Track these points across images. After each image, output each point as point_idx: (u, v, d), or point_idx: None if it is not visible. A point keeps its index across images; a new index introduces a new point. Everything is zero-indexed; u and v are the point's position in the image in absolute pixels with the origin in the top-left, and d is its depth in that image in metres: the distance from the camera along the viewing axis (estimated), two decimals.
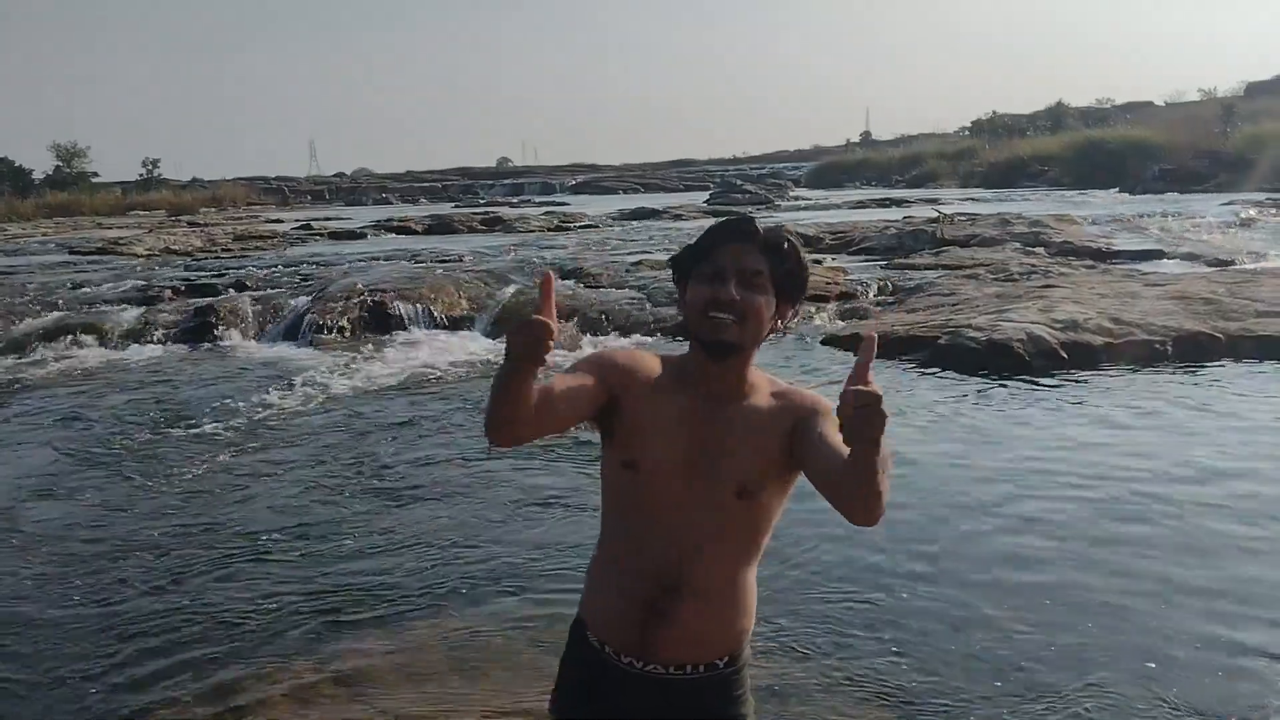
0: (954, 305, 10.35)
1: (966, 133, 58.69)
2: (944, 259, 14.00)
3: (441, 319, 11.34)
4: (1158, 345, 8.30)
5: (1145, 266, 13.18)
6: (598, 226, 25.31)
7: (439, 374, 8.93)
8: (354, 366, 9.23)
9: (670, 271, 1.83)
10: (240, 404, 7.81)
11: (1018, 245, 15.12)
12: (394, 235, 25.33)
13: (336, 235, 25.26)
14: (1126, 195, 29.52)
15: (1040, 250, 14.75)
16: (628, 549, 1.77)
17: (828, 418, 1.67)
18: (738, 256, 1.73)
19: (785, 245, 1.76)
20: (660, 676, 1.76)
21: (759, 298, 1.72)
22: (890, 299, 11.79)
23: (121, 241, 22.39)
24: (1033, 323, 8.68)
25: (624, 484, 1.76)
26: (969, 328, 8.75)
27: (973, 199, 30.44)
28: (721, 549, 1.74)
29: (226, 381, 8.84)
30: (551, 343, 1.48)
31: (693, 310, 1.74)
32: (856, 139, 77.79)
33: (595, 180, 62.38)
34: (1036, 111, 54.68)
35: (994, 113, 58.10)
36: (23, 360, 10.25)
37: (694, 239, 1.82)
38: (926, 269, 13.32)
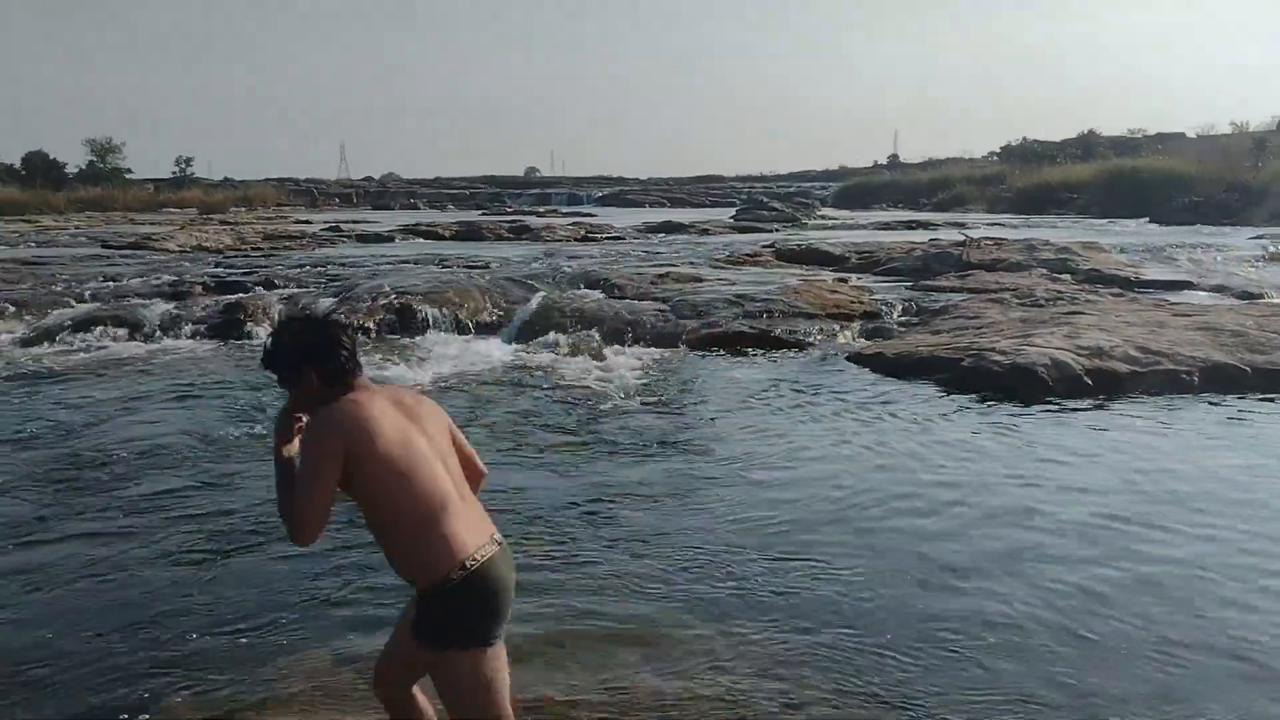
0: (978, 328, 10.33)
1: (995, 158, 58.50)
2: (969, 282, 13.96)
3: (467, 324, 11.42)
4: (1184, 375, 8.25)
5: (1173, 296, 13.10)
6: (624, 238, 25.39)
7: (462, 379, 8.99)
8: (378, 368, 9.30)
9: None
10: (264, 399, 7.90)
11: (1044, 271, 15.08)
12: (421, 240, 25.52)
13: (364, 238, 25.49)
14: (1155, 225, 29.32)
15: (1067, 277, 14.69)
16: None
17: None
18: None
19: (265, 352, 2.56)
20: None
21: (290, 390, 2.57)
22: (915, 319, 11.78)
23: (154, 237, 22.70)
24: (1058, 348, 8.64)
25: None
26: (993, 351, 8.73)
27: (1000, 224, 30.31)
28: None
29: (253, 376, 8.93)
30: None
31: None
32: (884, 161, 77.79)
33: (622, 193, 62.59)
34: (1067, 139, 54.39)
35: (1024, 138, 57.95)
36: (54, 349, 10.41)
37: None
38: (951, 291, 13.30)
